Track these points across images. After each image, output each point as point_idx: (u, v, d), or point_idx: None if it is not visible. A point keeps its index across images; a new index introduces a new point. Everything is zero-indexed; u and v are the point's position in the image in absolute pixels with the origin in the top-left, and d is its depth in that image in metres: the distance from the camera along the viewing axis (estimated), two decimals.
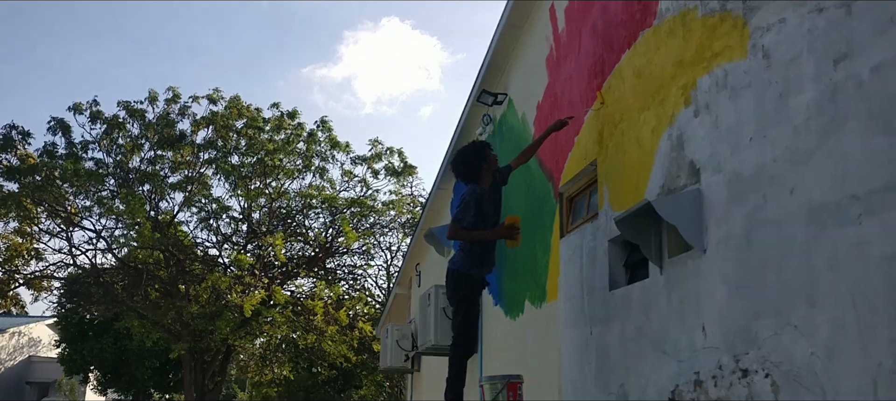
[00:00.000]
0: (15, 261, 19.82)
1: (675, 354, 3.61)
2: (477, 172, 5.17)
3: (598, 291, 4.56)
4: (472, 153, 5.28)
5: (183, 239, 17.96)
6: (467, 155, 5.30)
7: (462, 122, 7.85)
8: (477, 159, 5.21)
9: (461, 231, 5.04)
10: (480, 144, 5.42)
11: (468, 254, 5.12)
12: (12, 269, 19.91)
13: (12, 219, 18.52)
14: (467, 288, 5.11)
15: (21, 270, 19.89)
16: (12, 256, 19.66)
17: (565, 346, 5.05)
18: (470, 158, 5.25)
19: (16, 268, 20.00)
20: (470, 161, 5.24)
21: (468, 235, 5.07)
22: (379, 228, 21.39)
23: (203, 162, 17.87)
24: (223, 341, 17.65)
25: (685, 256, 3.59)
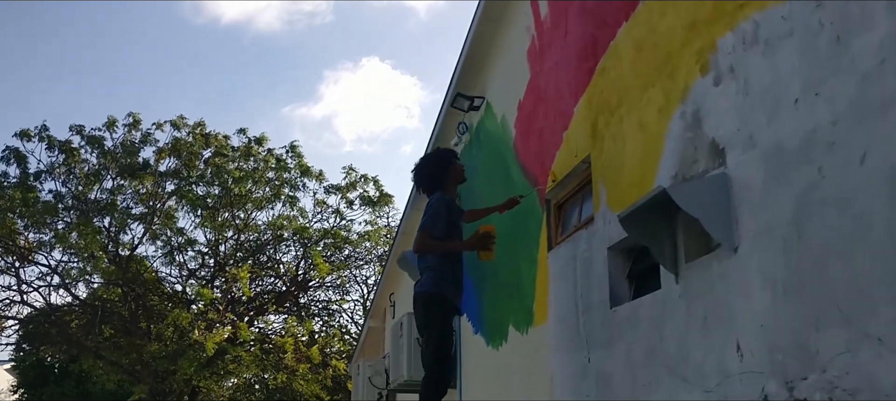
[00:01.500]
0: None
1: (699, 381, 2.88)
2: (439, 183, 4.50)
3: (596, 309, 3.84)
4: (434, 161, 4.63)
5: (144, 273, 16.99)
6: (429, 162, 4.64)
7: (436, 130, 7.16)
8: (439, 168, 4.54)
9: (430, 242, 4.28)
10: (445, 152, 4.77)
11: (439, 273, 4.35)
12: None
13: None
14: (440, 312, 4.32)
15: None
16: None
17: (558, 376, 4.31)
18: (431, 167, 4.58)
19: None
20: (431, 170, 4.56)
21: (439, 246, 4.31)
22: (354, 260, 20.53)
23: (167, 193, 16.99)
24: (187, 381, 16.63)
25: (708, 259, 2.88)
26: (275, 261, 19.18)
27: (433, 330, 4.26)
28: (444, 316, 4.30)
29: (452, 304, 4.37)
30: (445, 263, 4.32)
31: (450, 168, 4.53)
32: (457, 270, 4.41)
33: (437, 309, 4.28)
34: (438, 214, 4.29)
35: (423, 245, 4.32)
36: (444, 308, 4.30)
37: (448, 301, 4.32)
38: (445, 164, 4.57)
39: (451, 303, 4.35)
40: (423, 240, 4.29)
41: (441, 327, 4.27)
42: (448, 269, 4.32)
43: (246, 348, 17.13)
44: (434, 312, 4.28)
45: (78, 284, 16.50)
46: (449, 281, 4.32)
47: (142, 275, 16.80)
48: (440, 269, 4.31)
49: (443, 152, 4.79)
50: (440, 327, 4.26)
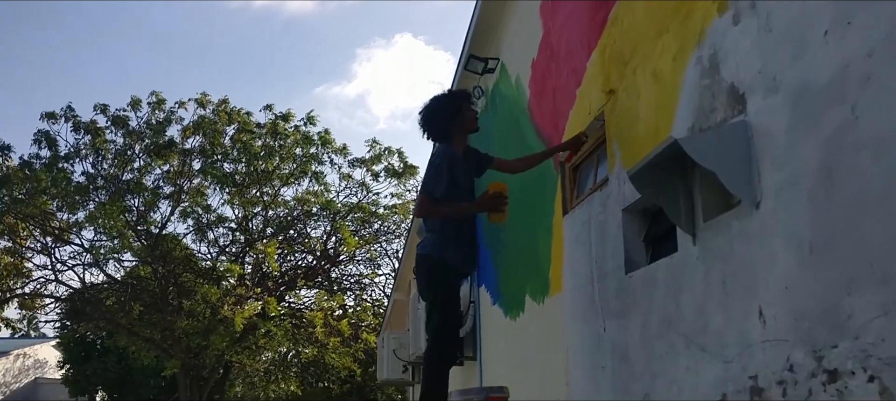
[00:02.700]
0: (7, 281, 19.05)
1: (719, 351, 2.62)
2: (445, 129, 4.11)
3: (611, 276, 3.58)
4: (442, 105, 4.14)
5: (175, 250, 17.06)
6: (438, 105, 4.15)
7: None
8: (448, 112, 4.08)
9: (432, 206, 3.97)
10: (455, 94, 4.33)
11: (440, 233, 4.04)
12: (4, 288, 19.14)
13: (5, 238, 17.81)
14: (443, 277, 4.01)
15: (13, 290, 19.11)
16: (4, 276, 18.90)
17: (573, 347, 4.06)
18: (438, 111, 4.12)
19: (8, 288, 19.24)
20: (437, 115, 4.12)
21: (443, 210, 3.98)
22: (383, 234, 20.40)
23: (194, 171, 17.00)
24: (219, 357, 16.73)
25: (728, 217, 2.60)
26: (304, 236, 19.15)
27: (437, 298, 3.97)
28: (446, 283, 3.99)
29: (457, 269, 4.06)
30: (449, 225, 4.01)
31: (459, 114, 4.08)
32: (463, 231, 4.06)
33: (439, 275, 3.98)
34: (440, 173, 3.92)
35: (424, 209, 4.02)
36: (447, 274, 3.99)
37: (451, 267, 4.00)
38: (454, 109, 4.10)
39: (455, 268, 4.03)
40: (423, 204, 3.99)
41: (443, 295, 3.97)
42: (452, 231, 4.00)
43: (276, 323, 17.15)
44: (435, 278, 3.98)
45: (108, 262, 16.64)
46: (453, 244, 3.99)
47: (172, 252, 16.87)
48: (443, 230, 3.99)
49: (453, 94, 4.32)
50: (442, 294, 3.96)
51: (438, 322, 3.92)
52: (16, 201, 15.82)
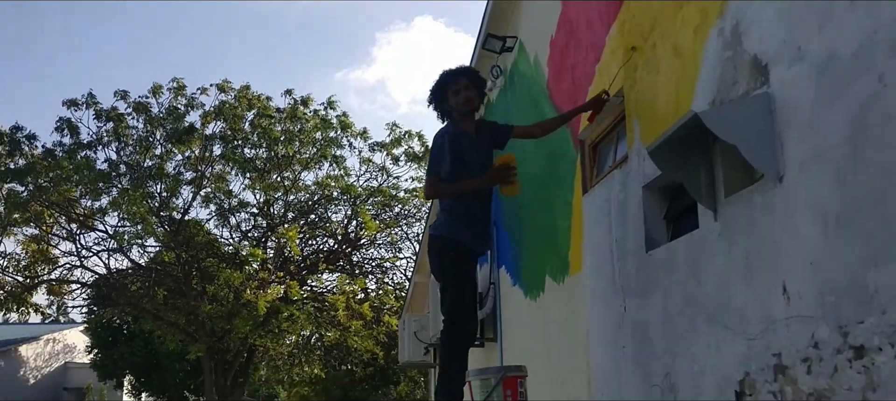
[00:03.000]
0: (35, 267, 19.33)
1: (741, 328, 2.57)
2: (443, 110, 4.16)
3: (631, 255, 3.52)
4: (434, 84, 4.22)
5: (198, 235, 17.20)
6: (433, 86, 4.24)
7: None
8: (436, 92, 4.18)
9: (439, 186, 3.97)
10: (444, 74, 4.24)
11: (450, 213, 4.03)
12: (33, 275, 19.43)
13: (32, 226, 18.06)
14: (455, 258, 3.99)
15: (41, 276, 19.39)
16: (32, 263, 19.18)
17: (594, 327, 4.02)
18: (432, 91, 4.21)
19: (36, 274, 19.52)
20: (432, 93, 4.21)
21: (450, 188, 3.97)
22: (404, 218, 20.40)
23: (215, 157, 17.09)
24: (243, 340, 16.87)
25: (750, 191, 2.54)
26: (325, 220, 19.22)
27: (450, 279, 3.96)
28: (457, 263, 3.97)
29: (469, 249, 4.04)
30: (459, 204, 3.99)
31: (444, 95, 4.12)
32: (474, 210, 4.03)
33: (451, 255, 3.96)
34: (442, 152, 3.93)
35: (431, 190, 4.02)
36: (459, 254, 3.97)
37: (463, 246, 3.98)
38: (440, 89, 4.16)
39: (466, 248, 4.01)
40: (431, 184, 4.00)
41: (456, 276, 3.95)
42: (462, 210, 3.97)
43: (299, 307, 17.25)
44: (447, 258, 3.97)
45: (132, 248, 16.82)
46: (463, 224, 3.98)
47: (195, 237, 17.01)
48: (452, 210, 3.98)
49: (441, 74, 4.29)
50: (455, 275, 3.95)
51: (452, 302, 3.92)
52: (40, 189, 16.01)
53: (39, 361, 33.48)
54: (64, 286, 19.40)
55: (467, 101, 4.16)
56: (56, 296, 19.83)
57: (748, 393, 2.54)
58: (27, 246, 19.22)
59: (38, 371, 33.23)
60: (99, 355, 30.63)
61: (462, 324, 3.93)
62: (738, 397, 2.60)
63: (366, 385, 31.31)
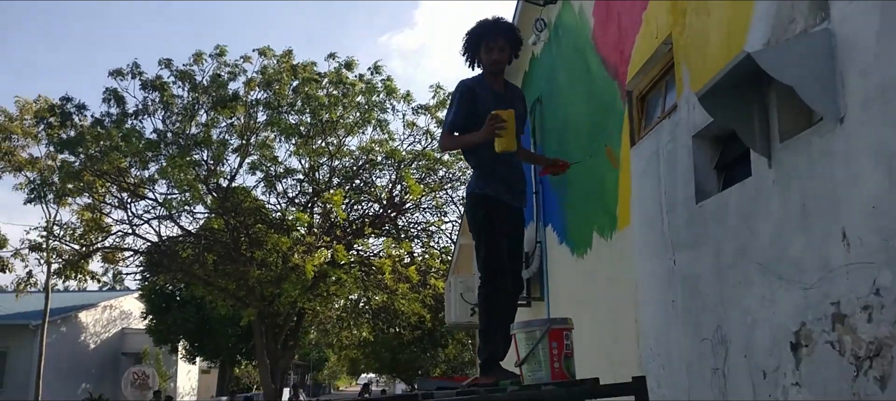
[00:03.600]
0: (90, 235, 19.88)
1: (797, 277, 2.48)
2: (473, 59, 4.16)
3: (681, 207, 3.43)
4: (469, 32, 4.21)
5: (244, 201, 17.45)
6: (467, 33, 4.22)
7: None
8: (470, 42, 4.18)
9: (447, 139, 4.11)
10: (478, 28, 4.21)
11: (478, 168, 4.10)
12: (88, 243, 19.99)
13: (85, 195, 18.54)
14: (483, 213, 4.01)
15: (95, 244, 19.95)
16: (87, 232, 19.73)
17: (642, 282, 3.95)
18: (466, 38, 4.20)
19: (91, 242, 20.08)
20: (465, 41, 4.20)
21: (455, 142, 4.13)
22: (449, 181, 20.40)
23: (260, 124, 17.26)
24: (292, 304, 17.15)
25: (807, 135, 2.44)
26: (369, 185, 19.32)
27: (480, 234, 3.98)
28: (487, 218, 3.99)
29: (502, 202, 4.03)
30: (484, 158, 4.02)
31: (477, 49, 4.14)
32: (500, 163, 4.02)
33: (481, 210, 4.00)
34: (452, 103, 4.03)
35: (441, 142, 4.10)
36: (489, 209, 3.99)
37: (493, 200, 3.99)
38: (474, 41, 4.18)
39: (500, 202, 4.01)
40: (442, 137, 4.08)
41: (487, 231, 3.96)
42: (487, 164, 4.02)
43: (346, 270, 17.44)
44: (477, 213, 4.01)
45: (181, 215, 17.16)
46: (493, 177, 4.03)
47: (242, 204, 17.27)
48: (479, 165, 4.05)
49: (480, 24, 4.25)
50: (486, 230, 3.96)
51: (485, 258, 3.96)
52: (91, 159, 16.38)
53: (98, 327, 34.55)
54: (118, 254, 19.95)
55: (497, 62, 4.18)
56: (111, 263, 20.40)
57: (804, 344, 2.46)
58: (82, 215, 19.77)
59: (97, 337, 34.30)
60: (154, 321, 31.52)
61: (496, 280, 3.96)
62: (794, 348, 2.52)
63: (414, 348, 31.70)
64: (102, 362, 34.04)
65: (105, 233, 19.08)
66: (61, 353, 29.73)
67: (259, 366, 19.22)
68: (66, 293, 34.64)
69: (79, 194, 18.53)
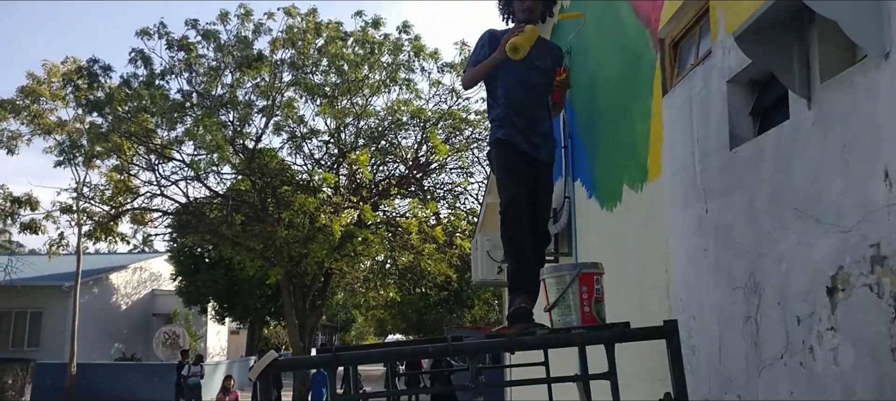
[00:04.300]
0: (118, 197, 20.15)
1: (835, 220, 2.43)
2: (508, 10, 4.17)
3: (714, 155, 3.37)
4: None
5: (270, 162, 17.56)
6: None
7: None
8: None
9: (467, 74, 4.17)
10: None
11: (496, 117, 4.15)
12: (117, 205, 20.27)
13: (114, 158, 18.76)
14: (504, 161, 4.06)
15: (124, 206, 20.22)
16: (115, 193, 20.00)
17: (673, 232, 3.90)
18: None
19: (120, 204, 20.36)
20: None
21: (472, 73, 4.19)
22: (475, 141, 20.32)
23: (285, 84, 17.27)
24: (319, 264, 17.30)
25: (850, 73, 2.37)
26: (395, 146, 19.31)
27: (498, 181, 4.01)
28: (507, 166, 4.00)
29: (520, 150, 4.02)
30: (505, 105, 4.02)
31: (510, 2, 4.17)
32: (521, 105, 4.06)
33: (501, 159, 4.01)
34: (475, 49, 4.15)
35: (463, 80, 4.15)
36: (508, 156, 3.99)
37: (512, 148, 3.99)
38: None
39: (518, 150, 4.01)
40: (463, 77, 4.10)
41: (505, 180, 3.98)
42: (503, 110, 4.02)
43: (373, 231, 17.53)
44: (497, 162, 4.03)
45: (208, 176, 17.31)
46: (510, 124, 4.04)
47: (268, 165, 17.37)
48: (497, 112, 4.03)
49: None
50: (504, 179, 3.98)
51: (504, 210, 3.97)
52: (119, 120, 16.54)
53: (129, 288, 35.21)
54: (146, 215, 20.22)
55: (530, 11, 4.17)
56: (140, 224, 20.69)
57: (841, 288, 2.42)
58: (110, 177, 20.03)
59: (128, 298, 34.97)
60: (183, 283, 32.02)
61: (514, 232, 3.96)
62: (830, 293, 2.47)
63: (440, 309, 31.92)
64: (134, 323, 34.75)
65: (133, 194, 19.32)
66: (94, 314, 30.38)
67: (287, 325, 19.46)
68: (97, 256, 35.29)
69: (107, 156, 18.75)
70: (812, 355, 2.57)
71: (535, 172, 4.32)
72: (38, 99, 22.41)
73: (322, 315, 22.40)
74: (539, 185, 4.40)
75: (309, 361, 2.26)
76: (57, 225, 22.46)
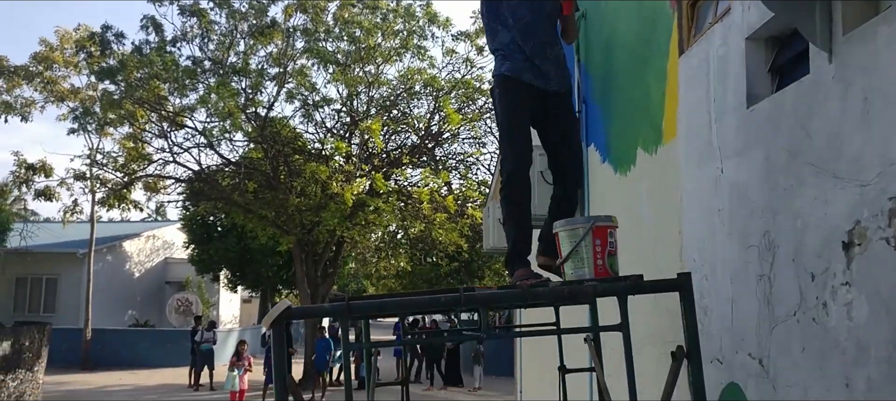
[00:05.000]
0: (131, 164, 20.27)
1: (854, 175, 2.41)
2: None
3: (730, 113, 3.34)
4: None
5: (282, 130, 17.58)
6: None
7: None
8: None
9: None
10: None
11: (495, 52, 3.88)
12: (130, 172, 20.39)
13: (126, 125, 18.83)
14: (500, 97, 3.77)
15: (137, 173, 20.34)
16: (128, 161, 20.10)
17: (687, 193, 3.88)
18: None
19: (133, 171, 20.47)
20: None
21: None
22: (488, 111, 20.26)
23: (298, 52, 17.23)
24: (331, 233, 17.38)
25: (873, 24, 2.33)
26: (407, 115, 19.28)
27: (500, 127, 3.78)
28: (506, 103, 3.72)
29: (524, 83, 3.73)
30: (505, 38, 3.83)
31: None
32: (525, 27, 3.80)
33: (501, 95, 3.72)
34: None
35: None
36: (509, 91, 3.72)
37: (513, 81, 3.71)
38: None
39: (520, 84, 3.71)
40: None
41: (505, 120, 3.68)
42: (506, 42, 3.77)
43: (384, 200, 17.57)
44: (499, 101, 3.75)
45: (220, 143, 17.37)
46: (512, 55, 3.77)
47: (280, 133, 17.39)
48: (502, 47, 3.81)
49: None
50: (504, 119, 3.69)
51: (503, 156, 3.76)
52: (131, 86, 16.58)
53: (142, 256, 35.51)
54: (159, 182, 20.34)
55: None
56: (152, 192, 20.82)
57: (857, 242, 2.40)
58: (123, 145, 20.12)
59: (141, 265, 35.27)
60: (195, 251, 32.25)
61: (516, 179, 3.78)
62: (846, 248, 2.46)
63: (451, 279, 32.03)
64: (147, 290, 35.10)
65: (146, 161, 19.42)
66: (108, 281, 30.69)
67: (299, 294, 19.60)
68: (111, 224, 35.57)
69: (120, 124, 18.83)
70: (825, 311, 2.56)
71: (545, 106, 4.02)
72: (51, 66, 22.48)
73: (334, 284, 22.55)
74: (555, 120, 4.09)
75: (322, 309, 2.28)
76: (71, 192, 22.65)
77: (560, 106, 4.10)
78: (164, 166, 19.35)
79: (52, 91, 22.81)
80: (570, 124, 4.18)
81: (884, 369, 2.24)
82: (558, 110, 4.09)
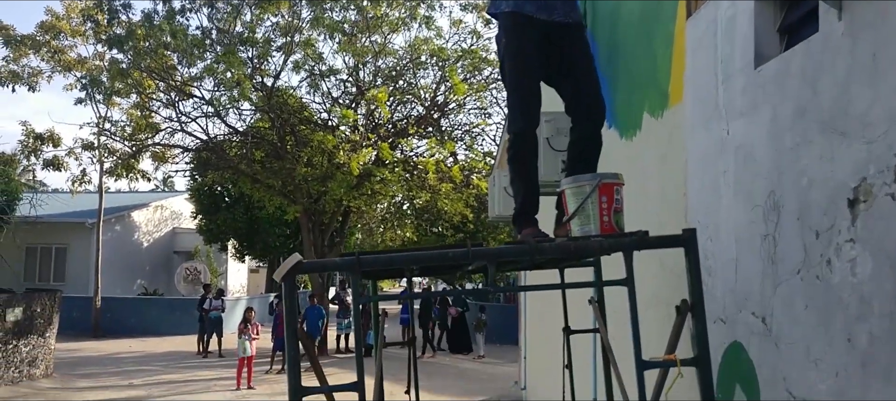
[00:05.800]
0: (139, 134, 20.30)
1: (860, 132, 2.41)
2: None
3: (737, 74, 3.34)
4: None
5: (288, 100, 17.58)
6: None
7: None
8: None
9: None
10: None
11: None
12: (138, 142, 20.43)
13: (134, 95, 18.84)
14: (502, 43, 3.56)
15: (145, 142, 20.37)
16: (136, 130, 20.13)
17: (693, 155, 3.89)
18: None
19: (141, 142, 20.51)
20: None
21: None
22: (494, 82, 20.18)
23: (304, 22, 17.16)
24: (338, 202, 17.43)
25: None
26: (413, 86, 19.24)
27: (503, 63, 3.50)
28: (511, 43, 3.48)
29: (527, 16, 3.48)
30: None
31: None
32: None
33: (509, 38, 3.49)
34: None
35: None
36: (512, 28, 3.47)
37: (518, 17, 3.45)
38: None
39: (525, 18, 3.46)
40: None
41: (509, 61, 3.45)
42: None
43: (390, 170, 17.59)
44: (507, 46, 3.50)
45: (228, 113, 17.38)
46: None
47: (287, 103, 17.38)
48: None
49: None
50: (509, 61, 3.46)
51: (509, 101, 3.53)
52: (139, 55, 16.57)
53: (150, 226, 35.67)
54: (167, 151, 20.38)
55: None
56: (160, 162, 20.88)
57: (863, 199, 2.41)
58: (131, 114, 20.14)
59: (149, 235, 35.45)
60: (203, 221, 32.40)
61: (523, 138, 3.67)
62: (851, 205, 2.47)
63: None
64: (155, 260, 35.31)
65: (154, 130, 19.45)
66: (116, 250, 30.88)
67: None
68: (119, 194, 35.70)
69: (127, 94, 18.85)
70: (829, 268, 2.57)
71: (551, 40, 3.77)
72: (57, 35, 22.45)
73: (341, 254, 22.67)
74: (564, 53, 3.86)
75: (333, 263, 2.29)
76: (79, 161, 22.73)
77: (567, 37, 3.81)
78: (172, 136, 19.41)
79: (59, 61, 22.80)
80: (581, 56, 3.91)
81: (886, 323, 2.26)
82: (564, 42, 3.80)
